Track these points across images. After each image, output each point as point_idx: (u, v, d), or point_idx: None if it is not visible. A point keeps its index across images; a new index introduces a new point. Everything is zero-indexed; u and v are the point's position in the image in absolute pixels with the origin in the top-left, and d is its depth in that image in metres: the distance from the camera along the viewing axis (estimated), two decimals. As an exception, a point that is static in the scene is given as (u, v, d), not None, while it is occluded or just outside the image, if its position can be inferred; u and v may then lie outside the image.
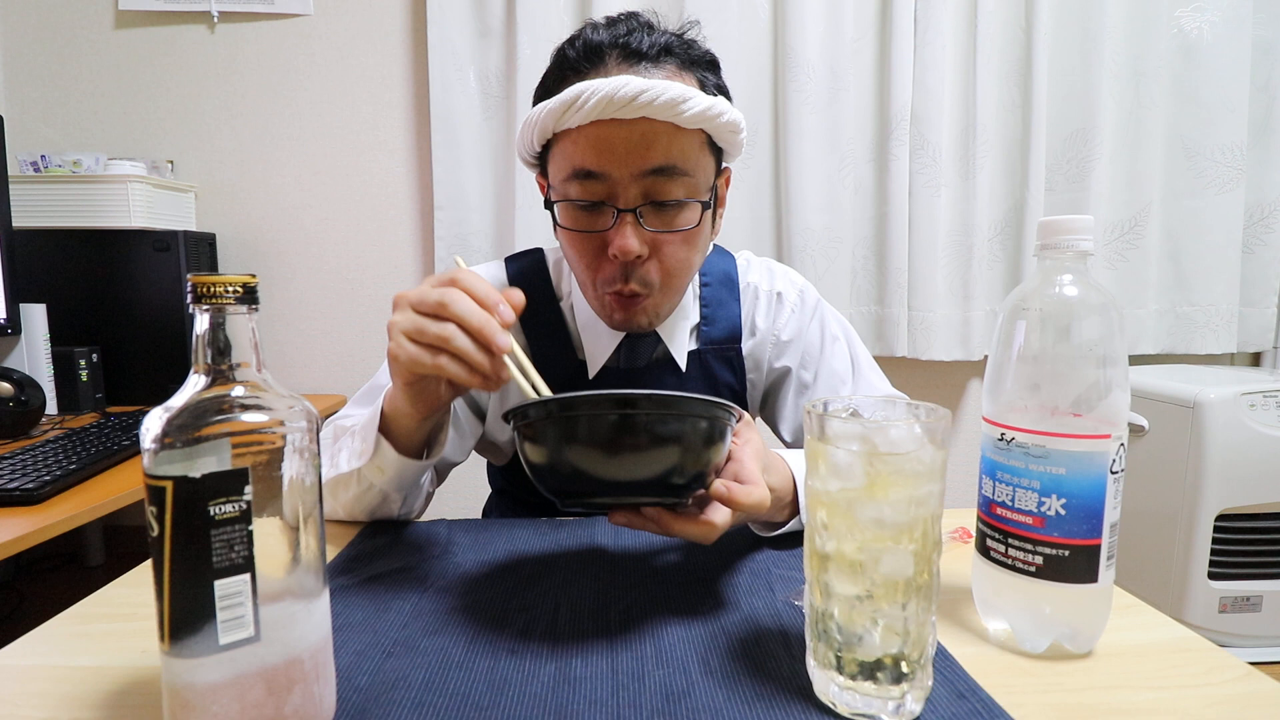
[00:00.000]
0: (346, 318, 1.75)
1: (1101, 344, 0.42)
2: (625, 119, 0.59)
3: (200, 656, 0.30)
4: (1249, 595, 1.41)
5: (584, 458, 0.43)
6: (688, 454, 0.43)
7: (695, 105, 0.59)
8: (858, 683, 0.36)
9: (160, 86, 1.68)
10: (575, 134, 0.61)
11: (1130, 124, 1.67)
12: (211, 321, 0.32)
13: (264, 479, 0.32)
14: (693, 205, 0.64)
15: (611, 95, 0.57)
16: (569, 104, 0.58)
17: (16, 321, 1.30)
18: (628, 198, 0.62)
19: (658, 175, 0.61)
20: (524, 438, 0.45)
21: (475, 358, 0.47)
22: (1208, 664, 0.42)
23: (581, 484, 0.44)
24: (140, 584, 0.54)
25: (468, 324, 0.47)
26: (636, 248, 0.62)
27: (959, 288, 1.69)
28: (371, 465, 0.59)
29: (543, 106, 0.61)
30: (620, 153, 0.60)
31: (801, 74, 1.60)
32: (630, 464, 0.43)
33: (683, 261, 0.66)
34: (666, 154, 0.61)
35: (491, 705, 0.37)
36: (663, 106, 0.57)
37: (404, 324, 0.49)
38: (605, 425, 0.42)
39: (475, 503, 0.99)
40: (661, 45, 0.63)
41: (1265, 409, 1.39)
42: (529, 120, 0.63)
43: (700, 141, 0.63)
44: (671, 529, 0.46)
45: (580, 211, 0.64)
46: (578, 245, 0.66)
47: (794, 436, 0.82)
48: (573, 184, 0.63)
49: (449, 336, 0.47)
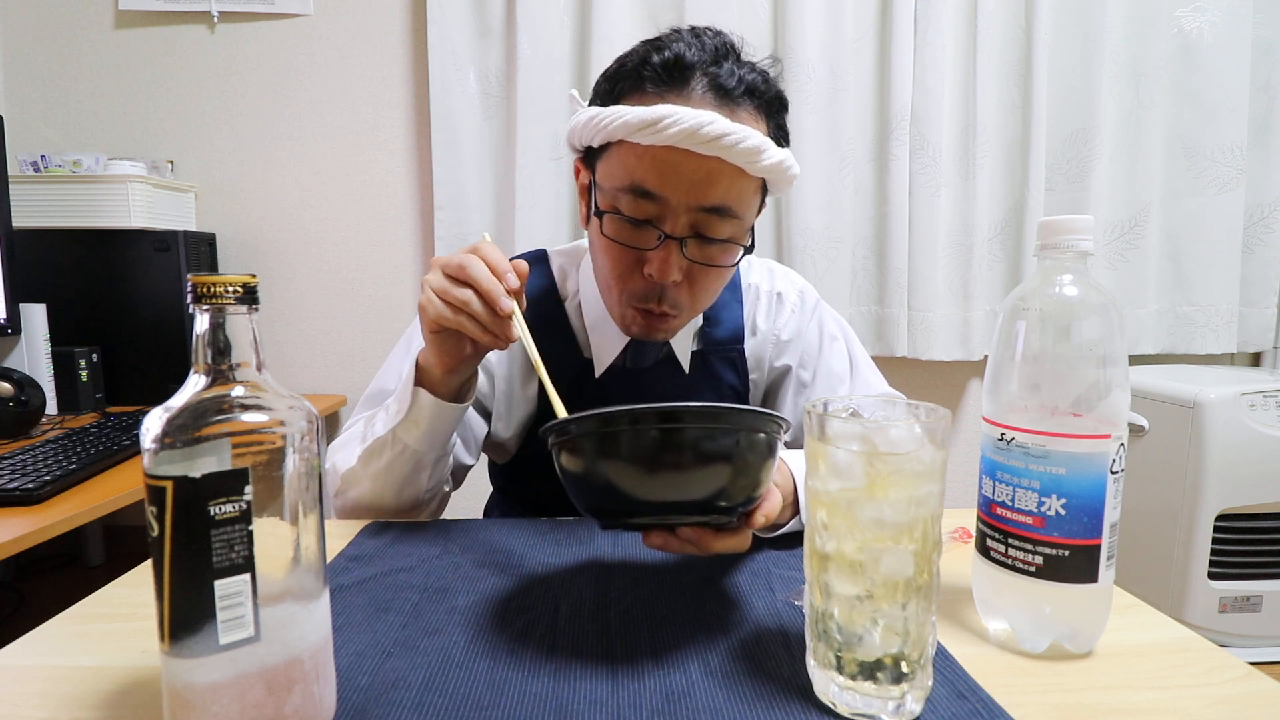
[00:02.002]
0: (346, 318, 1.75)
1: (1101, 344, 0.42)
2: (699, 152, 0.58)
3: (200, 656, 0.30)
4: (1249, 595, 1.41)
5: (636, 476, 0.41)
6: (745, 470, 0.42)
7: (770, 158, 0.59)
8: (858, 683, 0.36)
9: (160, 86, 1.68)
10: (643, 150, 0.60)
11: (1130, 124, 1.67)
12: (211, 321, 0.32)
13: (264, 479, 0.32)
14: (735, 248, 0.65)
15: (695, 129, 0.56)
16: (649, 123, 0.57)
17: (16, 321, 1.30)
18: (678, 226, 0.62)
19: (712, 213, 0.61)
20: (562, 455, 0.44)
21: (485, 317, 0.55)
22: (1208, 664, 0.42)
23: (631, 503, 0.42)
24: (140, 584, 0.54)
25: (480, 287, 0.55)
26: (675, 275, 0.63)
27: (959, 288, 1.69)
28: (407, 421, 0.63)
29: (618, 114, 0.59)
30: (684, 183, 0.60)
31: (801, 74, 1.60)
32: (690, 482, 0.41)
33: (711, 292, 0.68)
34: (725, 195, 0.61)
35: (491, 705, 0.37)
36: (741, 153, 0.57)
37: (434, 282, 0.57)
38: (665, 443, 0.40)
39: (476, 503, 0.99)
40: (747, 85, 0.61)
41: (1265, 409, 1.39)
42: (597, 118, 0.61)
43: (757, 186, 0.63)
44: (712, 548, 0.46)
45: (626, 225, 0.63)
46: (614, 255, 0.65)
47: (793, 436, 0.82)
48: (626, 196, 0.62)
49: (468, 300, 0.55)
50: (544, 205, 1.63)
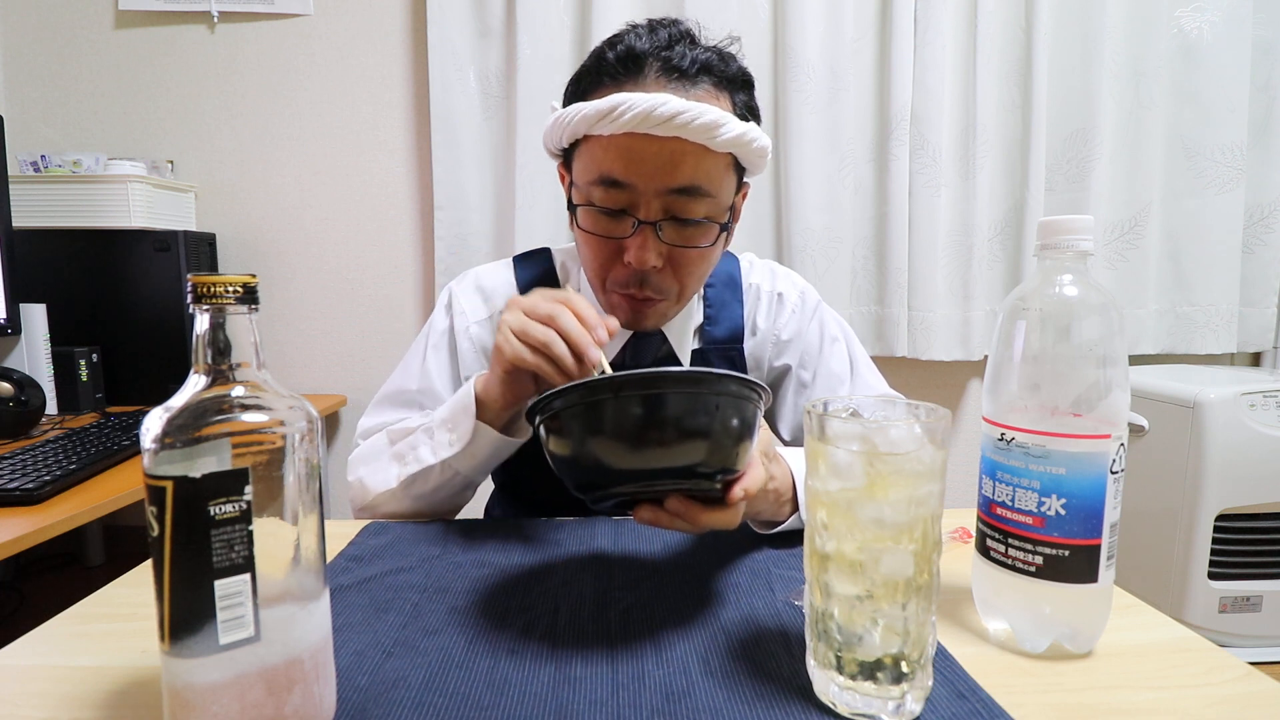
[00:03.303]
0: (346, 318, 1.75)
1: (1101, 344, 0.42)
2: (658, 135, 0.59)
3: (200, 656, 0.30)
4: (1249, 595, 1.41)
5: (616, 443, 0.42)
6: (724, 434, 0.42)
7: (729, 131, 0.59)
8: (858, 683, 0.36)
9: (160, 86, 1.68)
10: (606, 140, 0.61)
11: (1130, 124, 1.67)
12: (212, 321, 0.32)
13: (264, 479, 0.32)
14: (711, 226, 0.65)
15: (649, 112, 0.57)
16: (604, 113, 0.58)
17: (16, 321, 1.30)
18: (650, 211, 0.62)
19: (682, 194, 0.62)
20: (550, 430, 0.45)
21: (568, 364, 0.55)
22: (1208, 664, 0.42)
23: (616, 475, 0.43)
24: (140, 584, 0.54)
25: (570, 336, 0.54)
26: (653, 260, 0.63)
27: (959, 288, 1.69)
28: (464, 453, 0.63)
29: (577, 110, 0.61)
30: (648, 167, 0.61)
31: (801, 74, 1.60)
32: (666, 449, 0.42)
33: (695, 275, 0.68)
34: (693, 174, 0.61)
35: (491, 705, 0.37)
36: (698, 129, 0.58)
37: (513, 323, 0.57)
38: (643, 407, 0.41)
39: (476, 503, 0.99)
40: (701, 63, 0.62)
41: (1265, 409, 1.39)
42: (560, 118, 0.63)
43: (727, 162, 0.64)
44: (700, 520, 0.46)
45: (601, 216, 0.64)
46: (594, 246, 0.67)
47: (793, 435, 0.83)
48: (597, 189, 0.63)
49: (550, 342, 0.55)
50: (544, 205, 1.63)
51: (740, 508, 0.48)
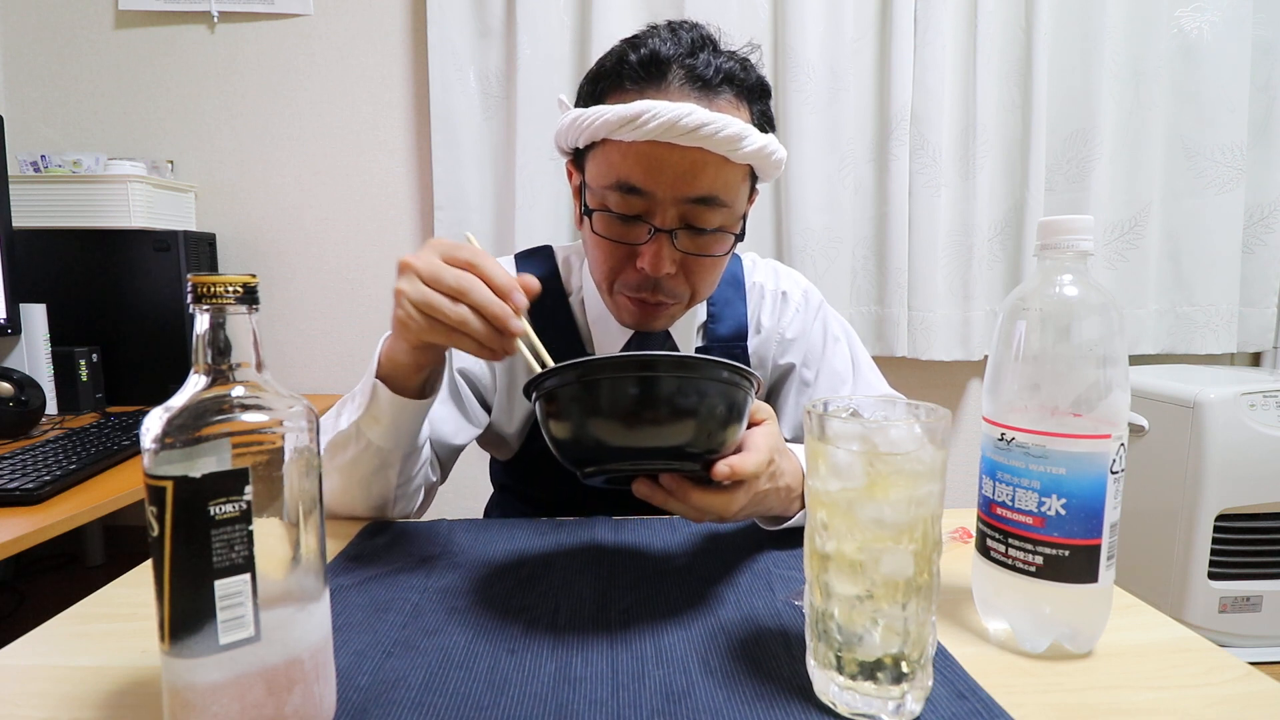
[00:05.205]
0: (346, 318, 1.75)
1: (1101, 344, 0.42)
2: (681, 144, 0.58)
3: (200, 656, 0.30)
4: (1249, 595, 1.41)
5: (612, 422, 0.44)
6: (710, 417, 0.44)
7: (751, 144, 0.59)
8: (858, 683, 0.36)
9: (160, 86, 1.68)
10: (626, 146, 0.60)
11: (1130, 124, 1.67)
12: (211, 321, 0.32)
13: (264, 479, 0.32)
14: (727, 236, 0.65)
15: (674, 122, 0.56)
16: (628, 120, 0.57)
17: (16, 321, 1.30)
18: (666, 219, 0.62)
19: (699, 203, 0.62)
20: (549, 408, 0.47)
21: (492, 342, 0.50)
22: (1208, 664, 0.42)
23: (607, 451, 0.45)
24: (140, 584, 0.54)
25: (486, 312, 0.49)
26: (668, 268, 0.63)
27: (959, 288, 1.69)
28: (368, 415, 0.59)
29: (598, 113, 0.59)
30: (668, 176, 0.60)
31: (801, 74, 1.60)
32: (654, 428, 0.44)
33: (707, 281, 0.68)
34: (712, 185, 0.61)
35: (491, 705, 0.37)
36: (721, 141, 0.57)
37: (414, 296, 0.50)
38: (633, 387, 0.43)
39: (476, 503, 0.99)
40: (725, 73, 0.61)
41: (1265, 409, 1.39)
42: (579, 119, 0.62)
43: (744, 173, 0.64)
44: (691, 499, 0.47)
45: (615, 221, 0.64)
46: (605, 250, 0.66)
47: (795, 433, 0.83)
48: (613, 194, 0.62)
49: (466, 320, 0.49)
50: (544, 205, 1.63)
51: (737, 496, 0.48)
